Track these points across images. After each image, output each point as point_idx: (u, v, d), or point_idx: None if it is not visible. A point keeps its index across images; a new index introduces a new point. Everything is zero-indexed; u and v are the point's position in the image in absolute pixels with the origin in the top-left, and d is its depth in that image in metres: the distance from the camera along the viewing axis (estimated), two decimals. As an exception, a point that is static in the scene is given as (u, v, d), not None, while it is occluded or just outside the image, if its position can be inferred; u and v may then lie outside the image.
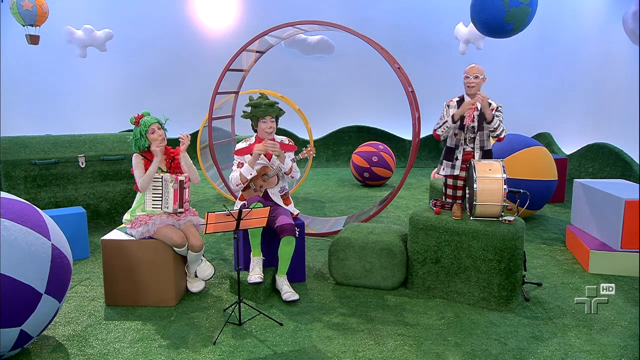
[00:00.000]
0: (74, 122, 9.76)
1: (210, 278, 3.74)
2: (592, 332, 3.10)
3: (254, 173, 3.72)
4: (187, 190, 3.58)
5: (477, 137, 3.58)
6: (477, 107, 3.54)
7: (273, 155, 3.76)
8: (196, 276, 3.71)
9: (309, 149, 3.76)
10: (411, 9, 10.14)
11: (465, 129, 3.58)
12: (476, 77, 3.53)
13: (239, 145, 3.84)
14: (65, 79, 10.05)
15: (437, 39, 9.99)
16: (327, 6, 9.93)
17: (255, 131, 3.83)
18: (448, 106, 3.69)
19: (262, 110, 3.70)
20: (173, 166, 3.65)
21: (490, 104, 3.55)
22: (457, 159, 3.64)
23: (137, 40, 10.02)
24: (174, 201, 3.47)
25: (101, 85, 10.22)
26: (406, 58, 6.60)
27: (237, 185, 3.75)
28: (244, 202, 3.79)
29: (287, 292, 3.56)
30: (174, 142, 3.53)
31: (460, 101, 3.64)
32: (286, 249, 3.56)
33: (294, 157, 3.83)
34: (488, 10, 5.10)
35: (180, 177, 3.52)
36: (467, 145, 3.62)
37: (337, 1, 10.10)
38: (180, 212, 3.56)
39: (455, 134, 3.63)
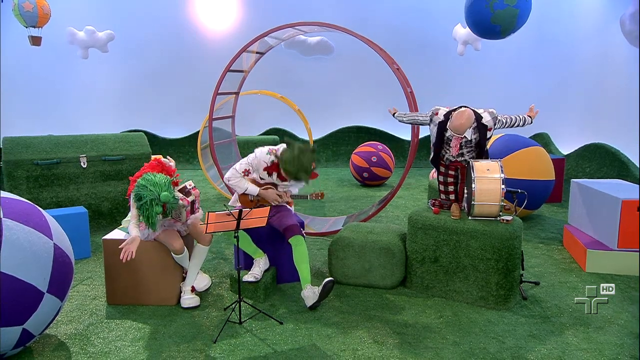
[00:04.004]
0: (75, 123, 9.81)
1: (207, 289, 3.76)
2: (589, 330, 3.12)
3: (253, 198, 3.76)
4: (197, 200, 3.63)
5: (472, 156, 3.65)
6: (464, 137, 3.49)
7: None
8: (192, 290, 3.61)
9: (319, 193, 3.91)
10: (410, 11, 10.18)
11: (450, 152, 3.63)
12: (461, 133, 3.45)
13: (267, 158, 3.54)
14: (67, 79, 10.10)
15: (435, 40, 10.04)
16: (327, 7, 9.97)
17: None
18: (431, 119, 3.60)
19: (299, 176, 3.37)
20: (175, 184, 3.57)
21: (486, 126, 3.46)
22: (438, 168, 3.79)
23: (139, 42, 10.07)
24: (187, 216, 3.53)
25: (103, 86, 10.27)
26: (405, 59, 6.63)
27: (235, 190, 3.71)
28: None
29: (313, 301, 3.38)
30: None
31: (445, 122, 3.50)
32: (299, 253, 3.45)
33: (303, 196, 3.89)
34: (476, 13, 5.17)
35: (191, 198, 3.51)
36: (455, 158, 3.67)
37: (336, 2, 10.14)
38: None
39: (436, 150, 3.68)
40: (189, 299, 3.49)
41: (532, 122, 3.70)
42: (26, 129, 8.31)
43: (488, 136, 3.53)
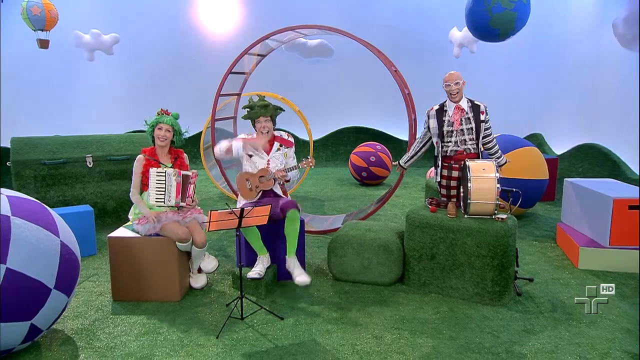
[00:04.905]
0: (81, 124, 9.86)
1: (214, 271, 3.85)
2: (581, 325, 3.19)
3: (241, 151, 3.83)
4: (192, 186, 3.64)
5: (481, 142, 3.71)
6: (464, 110, 3.63)
7: (271, 163, 3.86)
8: (199, 271, 3.81)
9: (309, 160, 3.84)
10: (408, 13, 10.27)
11: (455, 133, 3.67)
12: (457, 83, 3.62)
13: (241, 136, 3.92)
14: (74, 81, 10.19)
15: (432, 43, 10.12)
16: (327, 10, 10.05)
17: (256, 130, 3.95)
18: (428, 116, 3.76)
19: (255, 112, 3.84)
20: (177, 164, 3.74)
21: (479, 106, 3.65)
22: (438, 166, 3.81)
23: (143, 44, 10.16)
24: (177, 194, 3.52)
25: (108, 88, 10.35)
26: (403, 61, 6.71)
27: (220, 152, 3.83)
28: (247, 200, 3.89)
29: (299, 274, 3.59)
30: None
31: (440, 109, 3.71)
32: (291, 225, 3.63)
33: (296, 165, 3.89)
34: (475, 16, 5.26)
35: (186, 172, 3.60)
36: (459, 146, 3.70)
37: (336, 5, 10.23)
38: (182, 207, 3.63)
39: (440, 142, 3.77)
40: (196, 278, 3.74)
41: (503, 162, 3.84)
42: (33, 129, 8.39)
43: (482, 119, 3.63)
